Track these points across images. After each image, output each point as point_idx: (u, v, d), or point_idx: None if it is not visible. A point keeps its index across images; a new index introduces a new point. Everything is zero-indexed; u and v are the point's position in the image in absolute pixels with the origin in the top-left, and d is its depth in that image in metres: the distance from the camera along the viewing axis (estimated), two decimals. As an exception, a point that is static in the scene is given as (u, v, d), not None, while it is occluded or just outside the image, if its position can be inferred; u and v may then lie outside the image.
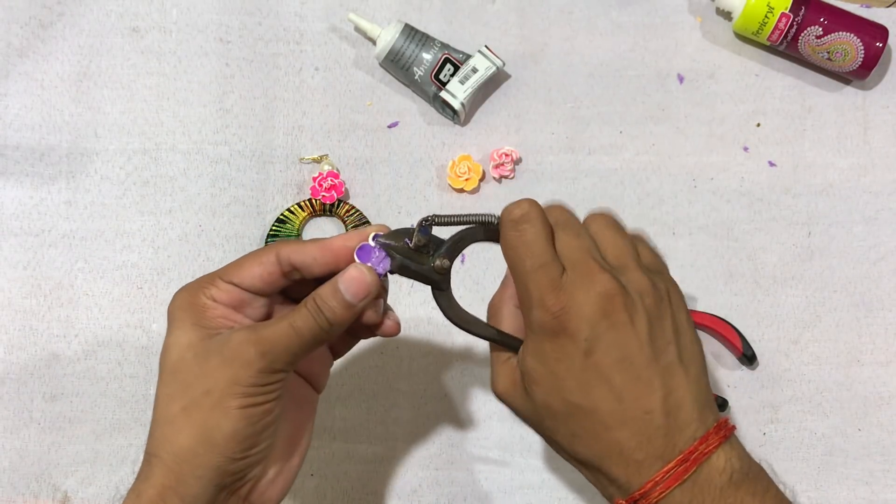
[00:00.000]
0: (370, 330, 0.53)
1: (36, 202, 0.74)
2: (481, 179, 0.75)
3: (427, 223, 0.51)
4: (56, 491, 0.69)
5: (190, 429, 0.48)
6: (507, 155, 0.74)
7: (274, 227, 0.73)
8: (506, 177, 0.75)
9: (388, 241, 0.51)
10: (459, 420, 0.71)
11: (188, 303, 0.50)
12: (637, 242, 0.52)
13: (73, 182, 0.74)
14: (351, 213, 0.74)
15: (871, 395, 0.71)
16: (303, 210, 0.74)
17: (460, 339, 0.72)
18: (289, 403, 0.51)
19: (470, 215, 0.52)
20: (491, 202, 0.75)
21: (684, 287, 0.73)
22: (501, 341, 0.52)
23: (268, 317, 0.52)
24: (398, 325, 0.54)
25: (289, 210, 0.74)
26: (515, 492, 0.70)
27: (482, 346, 0.72)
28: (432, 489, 0.70)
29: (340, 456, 0.70)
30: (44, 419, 0.70)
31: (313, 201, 0.74)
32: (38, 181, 0.74)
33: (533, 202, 0.50)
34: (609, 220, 0.52)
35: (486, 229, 0.52)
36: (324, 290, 0.49)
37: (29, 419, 0.70)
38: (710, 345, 0.72)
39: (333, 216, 0.75)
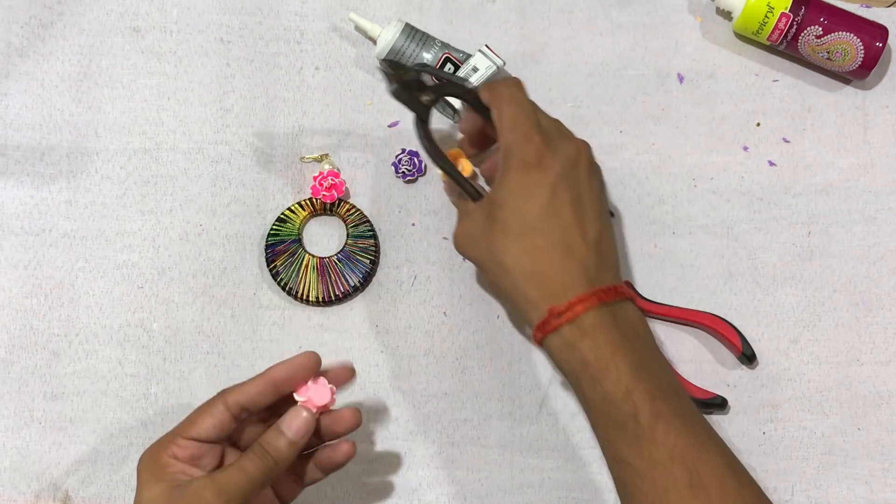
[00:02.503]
0: (326, 469, 0.63)
1: (36, 202, 0.74)
2: (471, 177, 0.75)
3: (421, 68, 0.65)
4: (57, 490, 0.69)
5: None
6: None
7: (274, 227, 0.73)
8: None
9: (388, 70, 0.64)
10: (459, 419, 0.71)
11: (152, 463, 0.57)
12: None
13: (74, 182, 0.74)
14: (351, 212, 0.74)
15: (871, 394, 0.72)
16: (303, 209, 0.74)
17: (460, 338, 0.72)
18: None
19: (460, 77, 0.68)
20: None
21: (684, 286, 0.74)
22: (461, 182, 0.64)
23: (221, 464, 0.59)
24: (353, 452, 0.62)
25: (289, 209, 0.74)
26: (515, 491, 0.70)
27: (481, 345, 0.72)
28: (432, 489, 0.70)
29: (341, 455, 0.70)
30: (44, 418, 0.70)
31: (314, 201, 0.74)
32: (39, 181, 0.74)
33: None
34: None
35: (469, 92, 0.65)
36: (269, 435, 0.58)
37: (30, 418, 0.70)
38: (710, 344, 0.73)
39: (334, 215, 0.75)
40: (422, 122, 0.64)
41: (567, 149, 0.62)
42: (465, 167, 0.74)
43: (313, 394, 0.59)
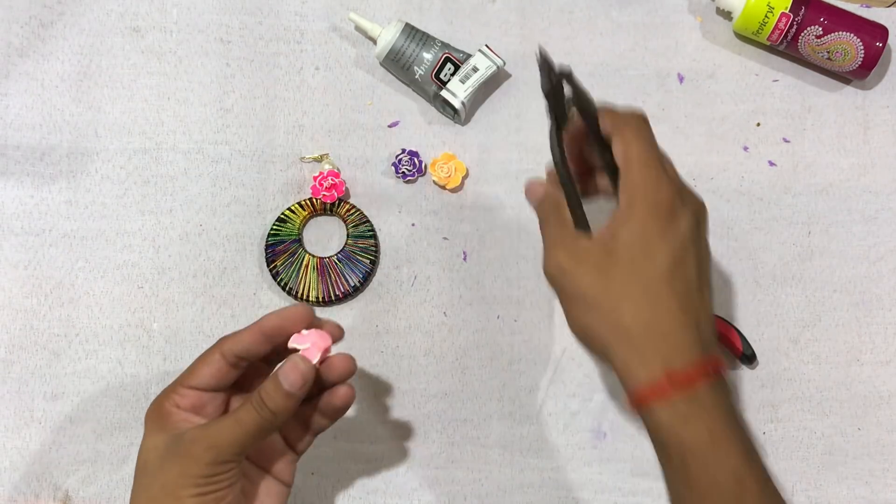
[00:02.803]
0: (329, 416, 0.61)
1: (36, 202, 0.74)
2: (465, 177, 0.75)
3: (565, 75, 0.58)
4: (57, 490, 0.69)
5: None
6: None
7: (274, 227, 0.73)
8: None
9: (545, 63, 0.58)
10: (459, 420, 0.71)
11: (156, 413, 0.57)
12: None
13: (74, 182, 0.74)
14: (351, 212, 0.74)
15: (871, 394, 0.72)
16: (303, 209, 0.74)
17: (460, 338, 0.72)
18: (261, 497, 0.59)
19: (587, 93, 0.59)
20: (479, 200, 0.75)
21: (684, 286, 0.73)
22: (577, 201, 0.57)
23: (225, 412, 0.59)
24: (352, 395, 0.60)
25: (289, 209, 0.74)
26: (515, 491, 0.70)
27: (481, 345, 0.72)
28: (432, 489, 0.70)
29: (340, 455, 0.70)
30: (45, 418, 0.70)
31: (314, 200, 0.74)
32: (39, 181, 0.74)
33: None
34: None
35: (589, 112, 0.58)
36: (266, 385, 0.56)
37: (30, 418, 0.70)
38: (710, 344, 0.73)
39: (334, 215, 0.75)
40: (559, 130, 0.58)
41: (695, 204, 0.57)
42: (459, 167, 0.74)
43: (309, 343, 0.58)
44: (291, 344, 0.58)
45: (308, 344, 0.58)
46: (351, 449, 0.70)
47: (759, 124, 0.77)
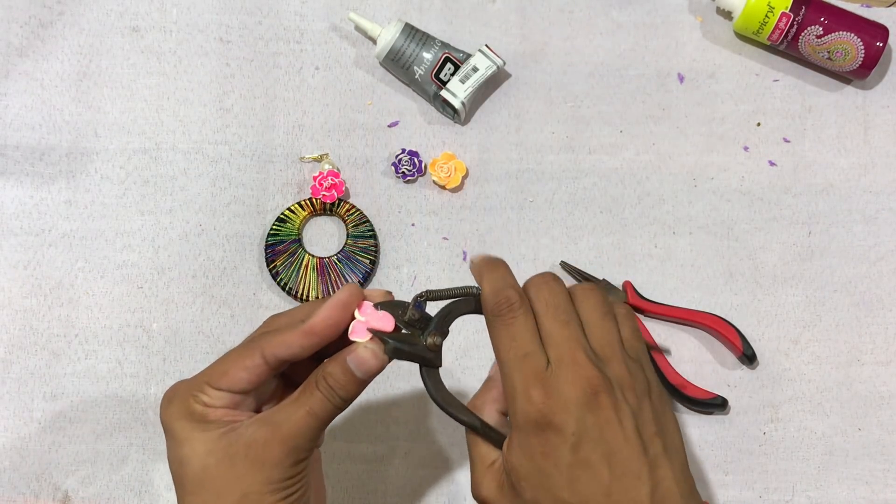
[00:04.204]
0: None
1: (36, 202, 0.74)
2: (465, 177, 0.75)
3: (422, 298, 0.50)
4: (56, 490, 0.69)
5: None
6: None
7: (274, 227, 0.73)
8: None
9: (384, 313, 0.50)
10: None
11: (186, 412, 0.49)
12: (621, 322, 0.52)
13: (74, 182, 0.74)
14: (351, 212, 0.74)
15: (871, 394, 0.72)
16: (303, 209, 0.74)
17: (460, 339, 0.72)
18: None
19: (461, 288, 0.51)
20: (479, 200, 0.75)
21: (685, 286, 0.73)
22: (485, 433, 0.51)
23: (261, 400, 0.52)
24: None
25: (289, 209, 0.74)
26: (516, 491, 0.70)
27: (481, 345, 0.72)
28: (432, 489, 0.70)
29: (340, 456, 0.70)
30: (44, 419, 0.70)
31: (314, 200, 0.74)
32: (39, 181, 0.74)
33: (515, 288, 0.50)
34: (599, 301, 0.51)
35: (476, 300, 0.51)
36: (334, 370, 0.49)
37: (29, 419, 0.70)
38: (710, 344, 0.73)
39: (334, 215, 0.75)
40: (430, 371, 0.51)
41: (574, 392, 0.47)
42: (458, 167, 0.74)
43: (374, 316, 0.50)
44: (356, 314, 0.51)
45: (366, 318, 0.50)
46: (350, 449, 0.70)
47: (759, 124, 0.77)
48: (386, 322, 0.50)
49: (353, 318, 0.50)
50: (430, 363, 0.51)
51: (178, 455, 0.49)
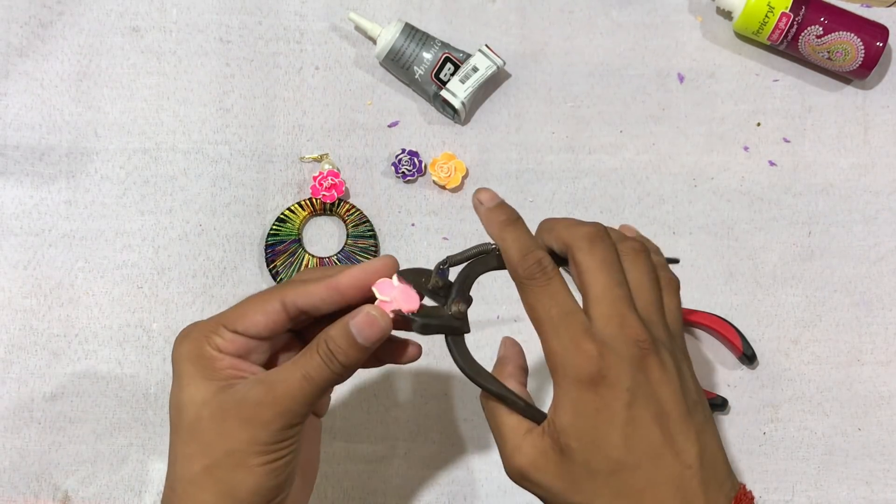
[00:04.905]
0: (391, 358, 0.54)
1: (36, 202, 0.74)
2: (465, 177, 0.75)
3: (445, 265, 0.49)
4: (56, 490, 0.69)
5: (213, 486, 0.48)
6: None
7: (274, 227, 0.73)
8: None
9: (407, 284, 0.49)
10: (459, 420, 0.71)
11: (195, 354, 0.49)
12: (665, 288, 0.51)
13: (73, 182, 0.74)
14: (351, 212, 0.74)
15: (872, 394, 0.72)
16: (303, 209, 0.74)
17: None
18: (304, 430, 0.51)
19: (479, 246, 0.50)
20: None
21: (685, 286, 0.73)
22: (512, 400, 0.49)
23: (273, 356, 0.52)
24: (419, 350, 0.54)
25: (289, 209, 0.74)
26: (515, 491, 0.70)
27: (482, 346, 0.72)
28: (432, 489, 0.70)
29: (340, 456, 0.70)
30: (44, 419, 0.70)
31: (314, 200, 0.74)
32: (38, 181, 0.74)
33: (541, 246, 0.49)
34: (649, 266, 0.50)
35: (496, 258, 0.50)
36: (335, 334, 0.48)
37: (29, 419, 0.70)
38: (710, 344, 0.73)
39: (334, 215, 0.75)
40: (457, 340, 0.51)
41: (626, 349, 0.46)
42: (458, 167, 0.74)
43: (398, 295, 0.48)
44: (377, 293, 0.49)
45: (389, 298, 0.48)
46: (350, 449, 0.70)
47: (759, 124, 0.77)
48: (412, 301, 0.48)
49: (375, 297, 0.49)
50: (457, 331, 0.50)
51: (178, 399, 0.48)
